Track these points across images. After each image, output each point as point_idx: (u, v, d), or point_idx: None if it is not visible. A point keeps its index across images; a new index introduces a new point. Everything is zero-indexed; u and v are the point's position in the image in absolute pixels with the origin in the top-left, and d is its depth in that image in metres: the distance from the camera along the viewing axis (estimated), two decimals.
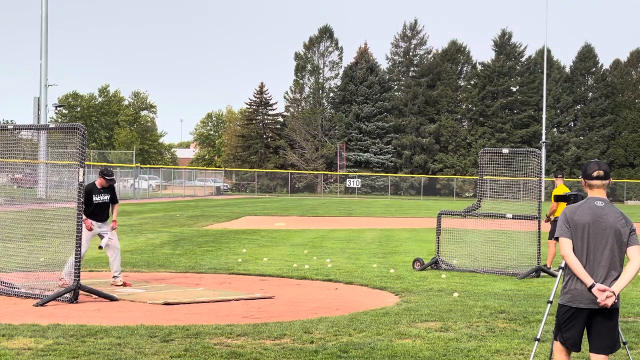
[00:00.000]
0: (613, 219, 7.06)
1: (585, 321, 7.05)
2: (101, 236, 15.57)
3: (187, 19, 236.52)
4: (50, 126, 15.38)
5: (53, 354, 9.28)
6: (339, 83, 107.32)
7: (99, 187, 15.51)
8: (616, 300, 6.96)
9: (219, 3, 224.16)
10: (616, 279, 7.00)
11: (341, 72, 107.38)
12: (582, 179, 7.28)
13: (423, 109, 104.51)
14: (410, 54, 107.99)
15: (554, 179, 20.49)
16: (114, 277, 15.63)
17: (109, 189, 15.65)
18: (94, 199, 15.34)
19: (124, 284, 15.52)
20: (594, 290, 6.91)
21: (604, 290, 6.89)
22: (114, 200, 15.76)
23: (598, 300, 6.90)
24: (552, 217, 19.19)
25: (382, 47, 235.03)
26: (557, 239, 7.23)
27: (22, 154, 15.94)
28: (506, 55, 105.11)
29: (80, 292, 13.51)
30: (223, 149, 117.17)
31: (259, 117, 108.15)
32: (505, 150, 19.67)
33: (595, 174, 7.16)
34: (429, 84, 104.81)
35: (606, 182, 7.19)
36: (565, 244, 7.10)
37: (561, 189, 19.44)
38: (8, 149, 15.34)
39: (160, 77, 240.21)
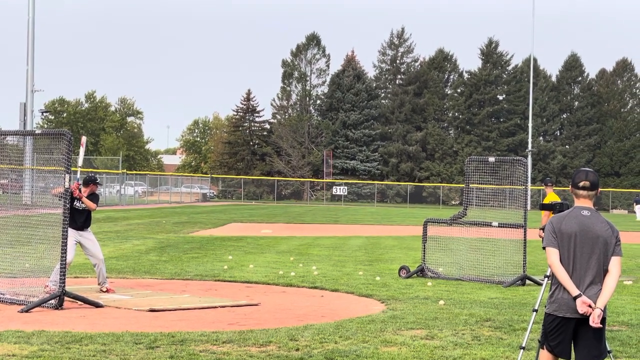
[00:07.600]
0: (600, 229, 7.06)
1: (572, 330, 7.05)
2: (82, 245, 15.49)
3: (174, 25, 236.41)
4: (36, 132, 15.27)
5: None
6: (326, 90, 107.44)
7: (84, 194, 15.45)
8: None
9: (206, 10, 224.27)
10: (601, 288, 7.02)
11: (328, 79, 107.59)
12: (570, 186, 7.29)
13: (410, 116, 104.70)
14: (397, 61, 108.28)
15: (543, 187, 20.46)
16: (99, 284, 15.65)
17: (91, 195, 15.58)
18: (75, 204, 15.22)
19: (107, 290, 15.51)
20: (577, 301, 6.92)
21: (589, 305, 6.90)
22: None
23: (580, 312, 6.90)
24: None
25: (369, 54, 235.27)
26: (544, 248, 7.23)
27: (8, 160, 15.86)
28: (493, 64, 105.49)
29: (66, 298, 13.46)
30: (209, 156, 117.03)
31: (246, 124, 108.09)
32: (491, 159, 19.72)
33: (581, 184, 7.17)
34: (415, 92, 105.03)
35: (592, 192, 7.17)
36: (552, 254, 7.10)
37: (550, 197, 19.45)
38: None
39: (147, 83, 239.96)
